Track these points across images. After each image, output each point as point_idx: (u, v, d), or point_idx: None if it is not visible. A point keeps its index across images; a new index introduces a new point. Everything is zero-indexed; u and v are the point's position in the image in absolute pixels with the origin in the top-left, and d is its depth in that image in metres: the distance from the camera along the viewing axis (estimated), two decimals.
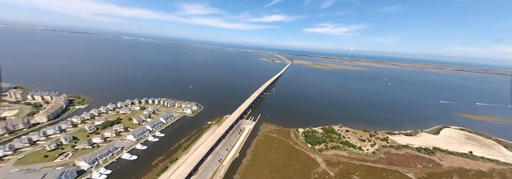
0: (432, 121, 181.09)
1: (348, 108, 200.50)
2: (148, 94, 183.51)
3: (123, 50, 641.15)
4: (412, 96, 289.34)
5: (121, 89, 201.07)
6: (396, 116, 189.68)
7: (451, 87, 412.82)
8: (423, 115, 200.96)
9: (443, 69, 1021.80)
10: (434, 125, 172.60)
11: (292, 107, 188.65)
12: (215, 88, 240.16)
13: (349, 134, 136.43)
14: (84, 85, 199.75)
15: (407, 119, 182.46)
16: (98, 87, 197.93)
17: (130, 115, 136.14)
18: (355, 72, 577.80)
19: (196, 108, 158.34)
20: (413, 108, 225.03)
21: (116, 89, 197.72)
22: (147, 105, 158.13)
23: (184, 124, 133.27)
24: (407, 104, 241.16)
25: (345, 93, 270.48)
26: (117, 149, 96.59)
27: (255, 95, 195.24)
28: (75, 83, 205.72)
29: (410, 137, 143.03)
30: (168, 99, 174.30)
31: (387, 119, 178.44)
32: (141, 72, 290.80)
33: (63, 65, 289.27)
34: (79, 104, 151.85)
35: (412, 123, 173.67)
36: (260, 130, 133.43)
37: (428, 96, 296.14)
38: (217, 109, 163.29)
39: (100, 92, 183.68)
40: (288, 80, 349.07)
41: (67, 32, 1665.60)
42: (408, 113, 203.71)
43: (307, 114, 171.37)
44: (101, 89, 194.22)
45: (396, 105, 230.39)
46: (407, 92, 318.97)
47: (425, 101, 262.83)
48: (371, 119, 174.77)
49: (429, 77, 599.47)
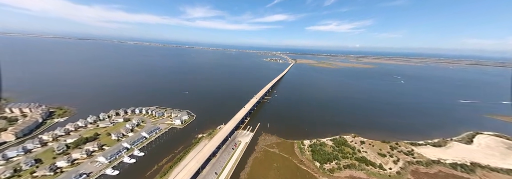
0: (459, 126, 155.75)
1: (360, 113, 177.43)
2: (139, 102, 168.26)
3: (124, 55, 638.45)
4: (430, 95, 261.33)
5: (112, 97, 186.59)
6: (417, 120, 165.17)
7: (470, 83, 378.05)
8: (448, 118, 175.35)
9: (458, 63, 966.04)
10: (463, 131, 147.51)
11: (296, 113, 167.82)
12: (213, 93, 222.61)
13: (365, 147, 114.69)
14: (72, 94, 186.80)
15: (429, 124, 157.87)
16: (87, 96, 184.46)
17: (111, 129, 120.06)
18: (363, 70, 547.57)
19: (187, 118, 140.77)
20: (434, 109, 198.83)
21: (106, 98, 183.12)
22: (133, 116, 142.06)
23: (170, 139, 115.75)
24: (427, 105, 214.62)
25: (355, 94, 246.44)
26: (82, 177, 79.77)
27: (254, 100, 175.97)
28: (64, 91, 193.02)
29: (439, 149, 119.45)
30: (158, 108, 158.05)
31: (407, 124, 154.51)
32: (137, 78, 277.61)
33: (56, 72, 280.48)
34: (59, 116, 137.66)
35: (436, 129, 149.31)
36: (259, 144, 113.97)
37: (448, 95, 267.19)
38: (211, 118, 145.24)
39: (88, 101, 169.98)
40: (292, 81, 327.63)
41: (75, 39, 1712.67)
42: (429, 116, 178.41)
43: (314, 121, 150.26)
44: (90, 97, 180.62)
45: (414, 107, 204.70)
46: (424, 91, 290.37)
47: (446, 101, 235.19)
48: (389, 125, 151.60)
49: (445, 73, 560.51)
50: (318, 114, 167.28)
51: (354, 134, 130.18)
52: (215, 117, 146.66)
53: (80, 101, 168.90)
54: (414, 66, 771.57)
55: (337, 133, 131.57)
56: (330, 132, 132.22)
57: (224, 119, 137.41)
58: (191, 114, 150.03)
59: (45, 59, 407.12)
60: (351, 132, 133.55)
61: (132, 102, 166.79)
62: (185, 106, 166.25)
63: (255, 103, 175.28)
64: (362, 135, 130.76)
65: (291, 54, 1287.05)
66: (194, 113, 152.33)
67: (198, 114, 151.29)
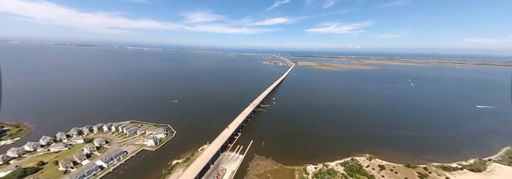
0: (491, 139, 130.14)
1: (373, 124, 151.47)
2: (113, 115, 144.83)
3: (117, 61, 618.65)
4: (445, 100, 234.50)
5: (84, 110, 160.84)
6: (439, 133, 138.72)
7: (482, 85, 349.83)
8: (472, 128, 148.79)
9: (464, 63, 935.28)
10: (498, 146, 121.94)
11: (296, 126, 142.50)
12: (204, 101, 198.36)
13: (386, 175, 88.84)
14: (39, 107, 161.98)
15: (455, 138, 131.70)
16: (56, 109, 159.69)
17: (64, 155, 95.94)
18: (367, 72, 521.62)
19: (164, 136, 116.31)
20: (454, 118, 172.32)
21: (78, 111, 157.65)
22: (99, 135, 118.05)
23: (136, 167, 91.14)
24: (444, 113, 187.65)
25: (363, 101, 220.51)
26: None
27: (248, 110, 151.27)
28: (30, 105, 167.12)
29: (481, 175, 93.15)
30: (133, 123, 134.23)
31: (429, 139, 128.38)
32: (120, 86, 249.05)
33: (27, 82, 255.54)
34: (11, 136, 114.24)
35: (465, 144, 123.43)
36: (249, 173, 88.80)
37: (464, 100, 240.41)
38: (194, 135, 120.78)
39: (55, 116, 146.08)
40: (292, 86, 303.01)
41: (75, 45, 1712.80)
42: (451, 126, 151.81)
43: (318, 137, 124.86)
44: (59, 111, 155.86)
45: (432, 115, 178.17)
46: (437, 95, 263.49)
47: (463, 107, 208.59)
48: (408, 140, 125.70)
49: (453, 74, 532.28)
50: (322, 127, 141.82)
51: (369, 155, 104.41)
52: (199, 134, 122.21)
53: (45, 116, 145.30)
54: (419, 67, 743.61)
55: (348, 153, 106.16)
56: (339, 153, 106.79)
57: (210, 135, 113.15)
58: (171, 130, 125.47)
59: (22, 68, 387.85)
60: (365, 152, 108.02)
61: (104, 116, 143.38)
62: (167, 119, 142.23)
63: (250, 114, 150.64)
64: (379, 155, 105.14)
65: (292, 57, 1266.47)
66: (174, 129, 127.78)
67: (180, 130, 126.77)
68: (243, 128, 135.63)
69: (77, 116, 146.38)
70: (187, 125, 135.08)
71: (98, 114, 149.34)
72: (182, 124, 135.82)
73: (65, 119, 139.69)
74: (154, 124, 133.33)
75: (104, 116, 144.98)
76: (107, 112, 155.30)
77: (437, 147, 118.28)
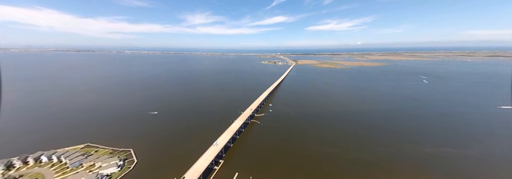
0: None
1: (395, 139, 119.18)
2: (68, 137, 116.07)
3: (106, 66, 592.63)
4: (472, 100, 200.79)
5: (33, 130, 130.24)
6: (483, 149, 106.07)
7: (503, 80, 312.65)
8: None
9: (473, 56, 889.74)
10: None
11: (296, 144, 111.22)
12: (188, 112, 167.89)
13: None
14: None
15: (500, 155, 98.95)
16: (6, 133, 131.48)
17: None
18: (372, 69, 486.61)
19: (117, 170, 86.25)
20: (486, 126, 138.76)
21: (24, 132, 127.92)
22: (33, 169, 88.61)
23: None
24: (476, 117, 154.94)
25: (374, 106, 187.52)
26: None
27: (235, 127, 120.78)
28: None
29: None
30: (86, 148, 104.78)
31: (472, 158, 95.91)
32: (92, 96, 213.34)
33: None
34: None
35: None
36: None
37: (491, 98, 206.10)
38: (160, 166, 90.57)
39: None
40: (291, 88, 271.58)
41: (73, 51, 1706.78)
42: (496, 137, 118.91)
43: (325, 161, 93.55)
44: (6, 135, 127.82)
45: (459, 122, 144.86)
46: (457, 94, 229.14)
47: (490, 109, 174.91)
48: (446, 161, 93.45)
49: (466, 68, 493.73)
50: (329, 143, 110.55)
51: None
52: (169, 163, 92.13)
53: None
54: (427, 61, 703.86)
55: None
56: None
57: (183, 165, 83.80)
58: (130, 160, 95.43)
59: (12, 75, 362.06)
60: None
61: (54, 139, 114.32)
62: (133, 140, 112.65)
63: (239, 128, 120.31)
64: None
65: (292, 55, 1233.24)
66: (137, 157, 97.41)
67: (144, 158, 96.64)
68: (228, 150, 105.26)
69: (19, 139, 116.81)
70: (155, 150, 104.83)
71: (47, 137, 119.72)
72: (150, 148, 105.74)
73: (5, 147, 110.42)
74: (113, 149, 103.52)
75: (55, 138, 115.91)
76: (60, 133, 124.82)
77: (489, 170, 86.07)
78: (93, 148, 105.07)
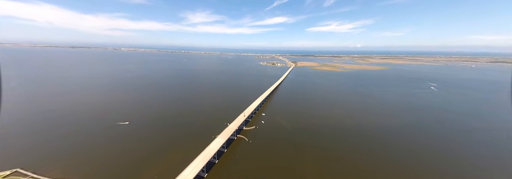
0: None
1: (412, 163, 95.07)
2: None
3: (94, 64, 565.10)
4: (482, 112, 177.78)
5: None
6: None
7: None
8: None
9: (476, 61, 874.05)
10: None
11: (291, 171, 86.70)
12: (166, 122, 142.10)
13: None
14: None
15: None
16: None
17: None
18: (375, 73, 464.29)
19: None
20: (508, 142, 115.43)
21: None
22: None
23: None
24: (499, 134, 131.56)
25: (381, 117, 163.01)
26: None
27: (216, 146, 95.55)
28: None
29: None
30: (9, 177, 79.05)
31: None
32: (50, 103, 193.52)
33: None
34: None
35: None
36: None
37: (503, 109, 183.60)
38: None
39: None
40: (289, 93, 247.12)
41: (67, 47, 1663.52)
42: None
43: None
44: None
45: (479, 139, 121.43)
46: (473, 104, 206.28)
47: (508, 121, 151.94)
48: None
49: (472, 74, 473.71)
50: (332, 169, 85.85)
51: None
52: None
53: None
54: (430, 65, 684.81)
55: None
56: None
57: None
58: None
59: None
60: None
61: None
62: (82, 166, 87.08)
63: (220, 148, 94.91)
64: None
65: (291, 56, 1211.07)
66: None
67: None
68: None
69: None
70: (113, 175, 79.46)
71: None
72: (107, 173, 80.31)
73: None
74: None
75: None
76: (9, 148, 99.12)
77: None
78: (20, 177, 79.12)
